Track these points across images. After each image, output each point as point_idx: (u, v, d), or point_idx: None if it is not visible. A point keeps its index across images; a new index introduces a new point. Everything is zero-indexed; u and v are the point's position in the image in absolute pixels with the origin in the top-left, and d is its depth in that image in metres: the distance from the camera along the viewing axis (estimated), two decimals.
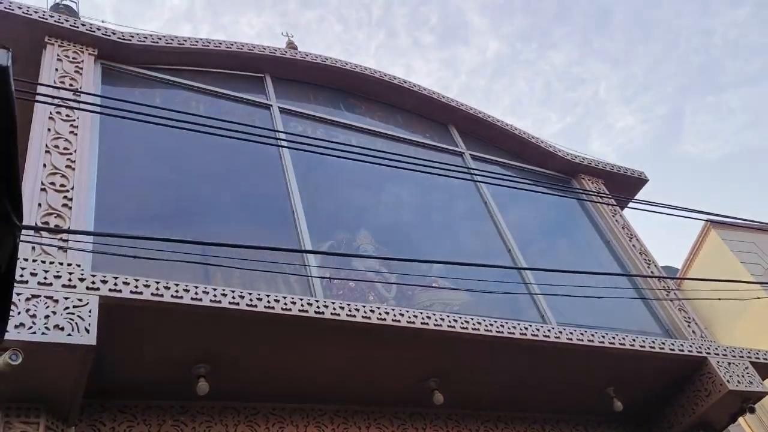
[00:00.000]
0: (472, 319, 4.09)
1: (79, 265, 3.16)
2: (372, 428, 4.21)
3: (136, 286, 3.17)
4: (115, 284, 3.12)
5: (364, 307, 3.78)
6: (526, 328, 4.25)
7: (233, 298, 3.38)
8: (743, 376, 4.72)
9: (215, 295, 3.34)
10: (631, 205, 6.25)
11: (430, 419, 4.46)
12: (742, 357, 4.91)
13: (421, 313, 3.96)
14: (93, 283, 3.07)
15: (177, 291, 3.25)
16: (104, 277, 3.12)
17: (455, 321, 4.02)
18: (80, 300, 2.97)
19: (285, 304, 3.52)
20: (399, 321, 3.82)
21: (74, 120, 3.94)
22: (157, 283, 3.22)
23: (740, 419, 13.75)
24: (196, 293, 3.29)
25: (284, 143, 4.69)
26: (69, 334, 2.83)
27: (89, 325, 2.91)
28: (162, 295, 3.19)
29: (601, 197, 6.23)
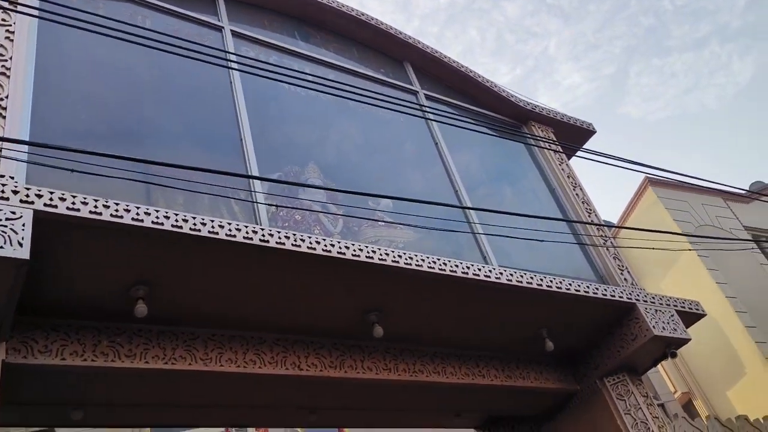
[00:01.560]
0: (415, 255, 4.13)
1: (12, 177, 3.02)
2: (311, 358, 4.26)
3: (74, 203, 3.05)
4: (51, 199, 3.00)
5: (309, 237, 3.76)
6: (468, 268, 4.32)
7: (176, 221, 3.30)
8: (668, 323, 4.96)
9: (157, 217, 3.25)
10: (578, 154, 6.36)
11: (368, 352, 4.54)
12: (669, 305, 5.15)
13: (367, 246, 3.97)
14: (27, 196, 2.94)
15: (117, 210, 3.15)
16: (39, 191, 2.99)
17: (399, 256, 4.05)
18: (13, 213, 2.84)
19: (230, 230, 3.46)
20: (344, 253, 3.82)
21: (10, 25, 3.68)
22: (96, 200, 3.10)
23: (659, 364, 14.52)
24: (137, 213, 3.20)
25: (234, 66, 4.53)
26: (1, 247, 2.72)
27: (22, 239, 2.79)
28: (101, 213, 3.09)
29: (549, 144, 6.31)
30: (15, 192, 2.92)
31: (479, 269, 4.37)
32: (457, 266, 4.26)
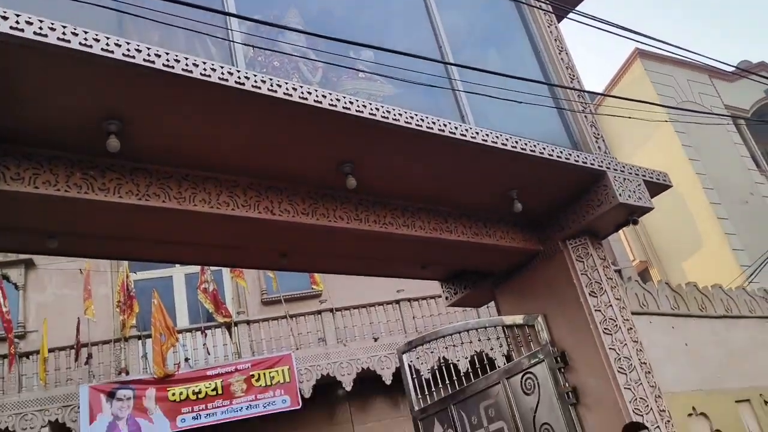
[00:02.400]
0: (393, 109, 4.10)
1: None
2: (284, 204, 4.34)
3: (41, 28, 2.92)
4: (17, 22, 2.87)
5: (286, 83, 3.69)
6: (445, 125, 4.32)
7: (149, 55, 3.20)
8: (634, 192, 5.10)
9: (128, 50, 3.14)
10: (570, 16, 6.16)
11: (341, 202, 4.63)
12: (637, 174, 5.27)
13: (345, 97, 3.92)
14: None
15: (86, 39, 3.03)
16: (5, 12, 2.85)
17: (377, 109, 4.02)
18: None
19: (204, 69, 3.38)
20: (320, 102, 3.78)
21: None
22: (64, 27, 2.98)
23: (621, 231, 15.08)
24: (107, 44, 3.09)
25: None
26: None
27: None
28: (69, 41, 2.97)
29: (541, 2, 6.09)
30: None
31: (456, 127, 4.37)
32: (434, 123, 4.25)
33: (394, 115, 4.08)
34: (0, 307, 10.49)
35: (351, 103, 3.92)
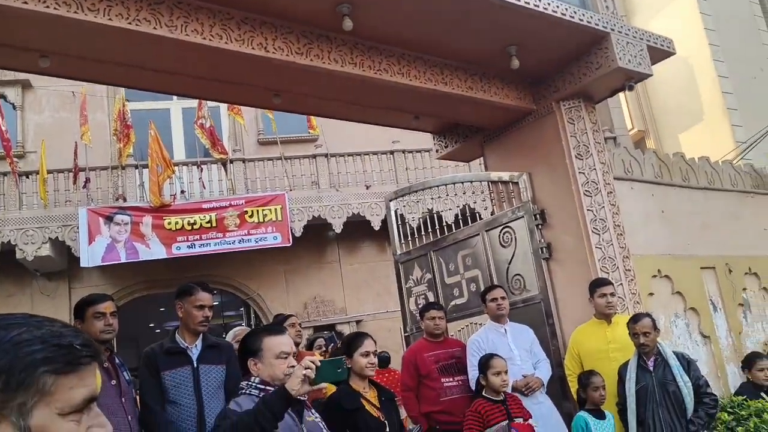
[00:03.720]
0: None
1: None
2: (278, 41, 4.28)
3: None
4: None
5: None
6: None
7: None
8: (635, 56, 5.02)
9: None
10: None
11: (336, 44, 4.55)
12: (641, 39, 5.15)
13: None
14: None
15: None
16: None
17: None
18: None
19: None
20: None
21: None
22: None
23: (621, 95, 14.91)
24: None
25: None
26: None
27: None
28: None
29: None
30: None
31: None
32: None
33: None
34: None
35: None
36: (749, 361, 5.11)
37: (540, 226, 5.48)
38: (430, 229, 6.48)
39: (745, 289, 6.41)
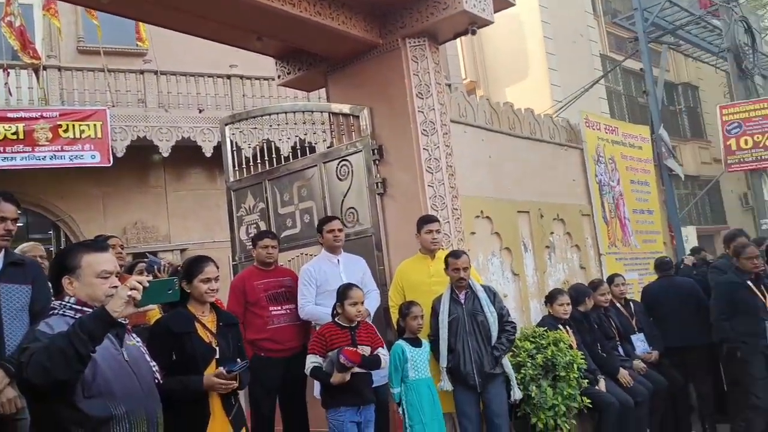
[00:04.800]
0: None
1: None
2: None
3: None
4: None
5: None
6: None
7: None
8: (479, 1, 5.15)
9: None
10: None
11: None
12: None
13: None
14: None
15: None
16: None
17: None
18: None
19: None
20: None
21: None
22: None
23: (458, 44, 15.44)
24: None
25: None
26: None
27: None
28: None
29: None
30: None
31: None
32: None
33: None
34: None
35: None
36: (551, 297, 5.65)
37: (377, 162, 5.55)
38: (266, 158, 6.32)
39: (552, 233, 7.04)
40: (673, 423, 6.10)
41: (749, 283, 5.44)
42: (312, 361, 4.14)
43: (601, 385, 5.30)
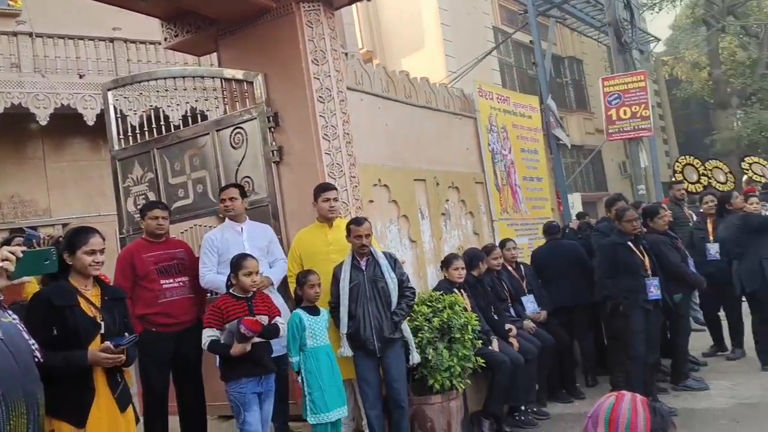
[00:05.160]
0: None
1: None
2: None
3: None
4: None
5: None
6: None
7: None
8: None
9: None
10: None
11: None
12: None
13: None
14: None
15: None
16: None
17: None
18: None
19: None
20: None
21: None
22: None
23: (354, 13, 15.26)
24: None
25: None
26: None
27: None
28: None
29: None
30: None
31: None
32: None
33: None
34: None
35: None
36: (447, 262, 5.78)
37: (272, 129, 5.42)
38: (154, 126, 6.03)
39: (448, 200, 7.19)
40: (560, 377, 6.46)
41: (629, 243, 5.80)
42: (209, 335, 4.04)
43: (494, 345, 5.51)
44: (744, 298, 7.03)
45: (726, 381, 6.33)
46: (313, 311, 4.47)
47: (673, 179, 10.40)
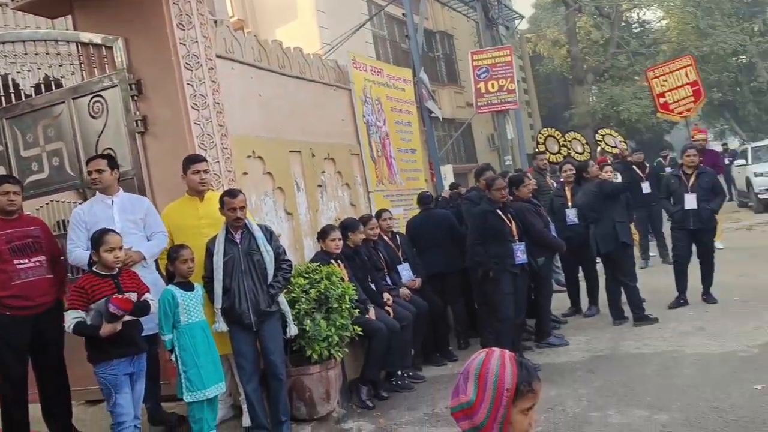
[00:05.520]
0: None
1: None
2: None
3: None
4: None
5: None
6: None
7: None
8: None
9: None
10: None
11: None
12: None
13: None
14: None
15: None
16: None
17: None
18: None
19: None
20: None
21: None
22: None
23: None
24: None
25: None
26: None
27: None
28: None
29: None
30: None
31: None
32: None
33: None
34: None
35: None
36: (323, 233, 5.79)
37: (135, 98, 5.13)
38: (2, 94, 5.53)
39: (324, 172, 7.17)
40: (434, 342, 6.71)
41: (498, 211, 6.08)
42: (74, 317, 3.80)
43: (371, 313, 5.61)
44: (599, 260, 7.62)
45: (583, 336, 6.86)
46: (187, 287, 4.33)
47: (536, 150, 10.99)
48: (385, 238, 6.75)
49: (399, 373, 5.90)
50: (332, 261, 5.59)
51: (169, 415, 4.80)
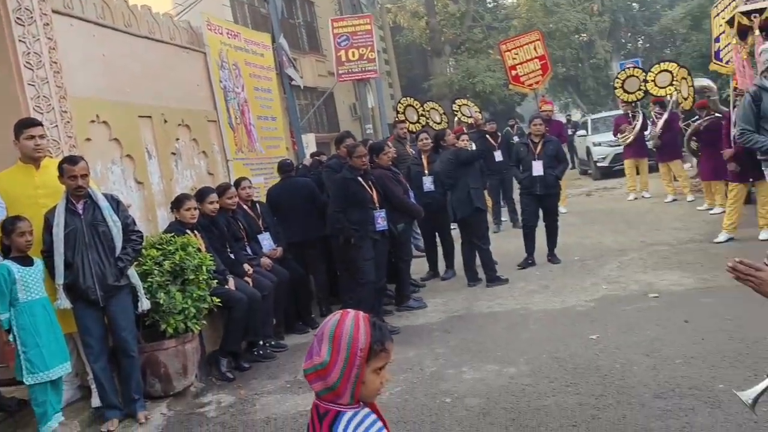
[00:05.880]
0: None
1: None
2: None
3: None
4: None
5: None
6: None
7: None
8: None
9: None
10: None
11: None
12: None
13: None
14: None
15: None
16: None
17: None
18: None
19: None
20: None
21: None
22: None
23: None
24: None
25: None
26: None
27: None
28: None
29: None
30: None
31: None
32: None
33: None
34: None
35: None
36: (178, 202, 5.54)
37: None
38: None
39: (178, 139, 6.85)
40: (296, 310, 6.71)
41: (359, 178, 6.13)
42: None
43: (231, 284, 5.49)
44: (455, 225, 7.95)
45: (440, 298, 7.16)
46: (25, 262, 4.00)
47: (397, 119, 11.18)
48: (245, 207, 6.59)
49: (261, 342, 5.84)
50: (188, 231, 5.38)
51: (8, 400, 4.44)
